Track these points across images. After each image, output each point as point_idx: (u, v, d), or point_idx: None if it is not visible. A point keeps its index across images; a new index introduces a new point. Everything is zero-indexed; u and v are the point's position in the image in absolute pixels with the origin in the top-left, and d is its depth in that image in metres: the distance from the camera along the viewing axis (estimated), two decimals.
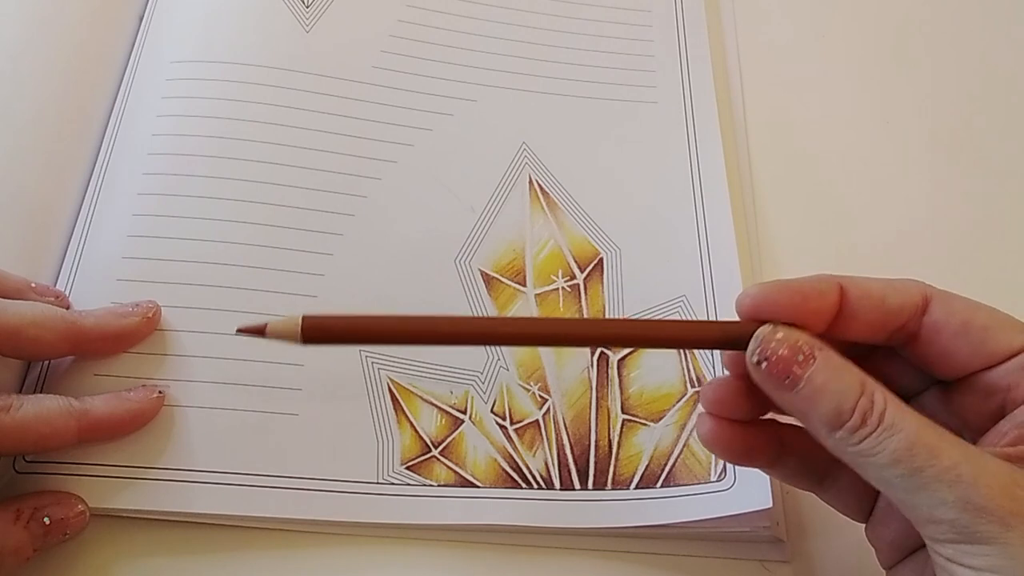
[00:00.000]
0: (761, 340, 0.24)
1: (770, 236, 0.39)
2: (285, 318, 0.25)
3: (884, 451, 0.23)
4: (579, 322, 0.32)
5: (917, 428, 0.23)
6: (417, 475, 0.32)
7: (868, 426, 0.23)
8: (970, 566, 0.22)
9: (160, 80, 0.38)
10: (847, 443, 0.23)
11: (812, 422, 0.24)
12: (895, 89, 0.44)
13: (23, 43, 0.37)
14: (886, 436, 0.23)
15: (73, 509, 0.29)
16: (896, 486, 0.23)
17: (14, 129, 0.36)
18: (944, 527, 0.22)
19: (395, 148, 0.38)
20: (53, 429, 0.29)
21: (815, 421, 0.24)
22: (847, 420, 0.23)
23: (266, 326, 0.25)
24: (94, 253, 0.35)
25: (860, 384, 0.24)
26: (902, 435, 0.23)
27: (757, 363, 0.24)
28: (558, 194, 0.38)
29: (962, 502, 0.22)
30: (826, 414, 0.23)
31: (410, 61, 0.40)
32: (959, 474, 0.22)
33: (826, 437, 0.24)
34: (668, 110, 0.41)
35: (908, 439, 0.23)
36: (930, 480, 0.22)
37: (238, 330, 0.25)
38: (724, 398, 0.27)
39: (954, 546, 0.22)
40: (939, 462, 0.22)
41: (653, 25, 0.43)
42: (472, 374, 0.34)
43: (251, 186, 0.36)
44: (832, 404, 0.23)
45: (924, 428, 0.23)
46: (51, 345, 0.30)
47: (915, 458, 0.22)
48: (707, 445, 0.27)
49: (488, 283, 0.36)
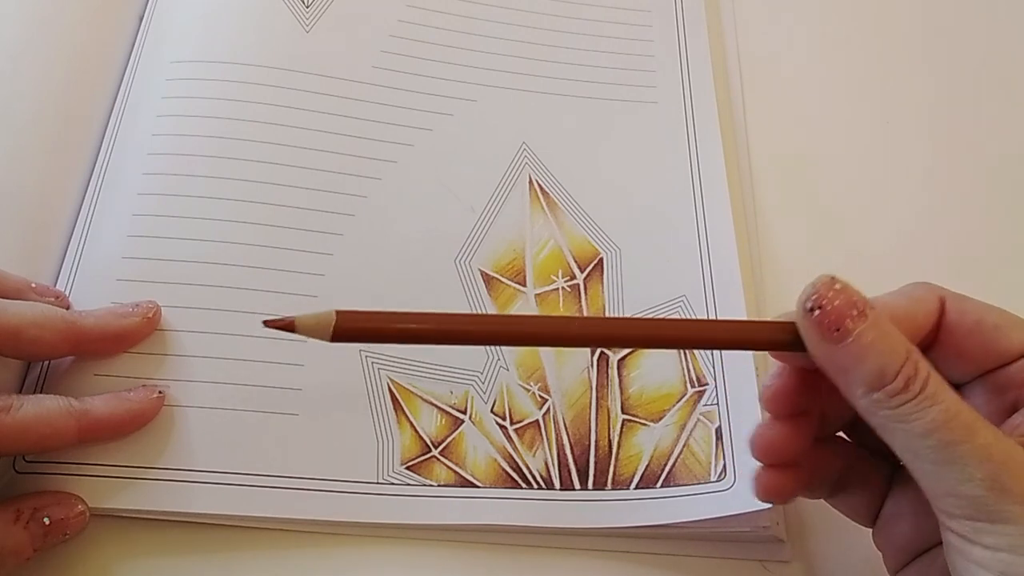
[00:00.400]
0: (819, 287, 0.24)
1: (770, 236, 0.39)
2: (316, 314, 0.24)
3: (921, 420, 0.23)
4: (626, 322, 0.31)
5: (956, 403, 0.23)
6: (417, 475, 0.32)
7: (909, 392, 0.23)
8: (986, 545, 0.22)
9: (160, 80, 0.38)
10: (884, 405, 0.23)
11: (852, 379, 0.24)
12: (895, 89, 0.44)
13: (23, 43, 0.37)
14: (925, 405, 0.23)
15: (73, 509, 0.29)
16: (924, 456, 0.23)
17: (14, 129, 0.36)
18: (965, 502, 0.23)
19: (395, 148, 0.38)
20: (53, 429, 0.29)
21: (855, 378, 0.24)
22: (889, 383, 0.23)
23: (295, 321, 0.24)
24: (94, 253, 0.35)
25: (906, 351, 0.24)
26: (942, 407, 0.23)
27: (810, 309, 0.24)
28: (558, 194, 0.38)
29: (990, 480, 0.22)
30: (869, 373, 0.24)
31: (410, 61, 0.40)
32: (990, 454, 0.22)
33: (862, 396, 0.24)
34: (668, 110, 0.41)
35: (947, 412, 0.23)
36: (962, 455, 0.22)
37: (265, 323, 0.24)
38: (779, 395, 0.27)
39: (972, 523, 0.23)
40: (973, 440, 0.23)
41: (653, 25, 0.43)
42: (472, 374, 0.34)
43: (251, 186, 0.36)
44: (877, 364, 0.23)
45: (961, 405, 0.23)
46: (51, 345, 0.30)
47: (951, 432, 0.23)
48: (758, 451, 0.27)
49: (488, 283, 0.36)
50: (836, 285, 0.24)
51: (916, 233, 0.40)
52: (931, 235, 0.40)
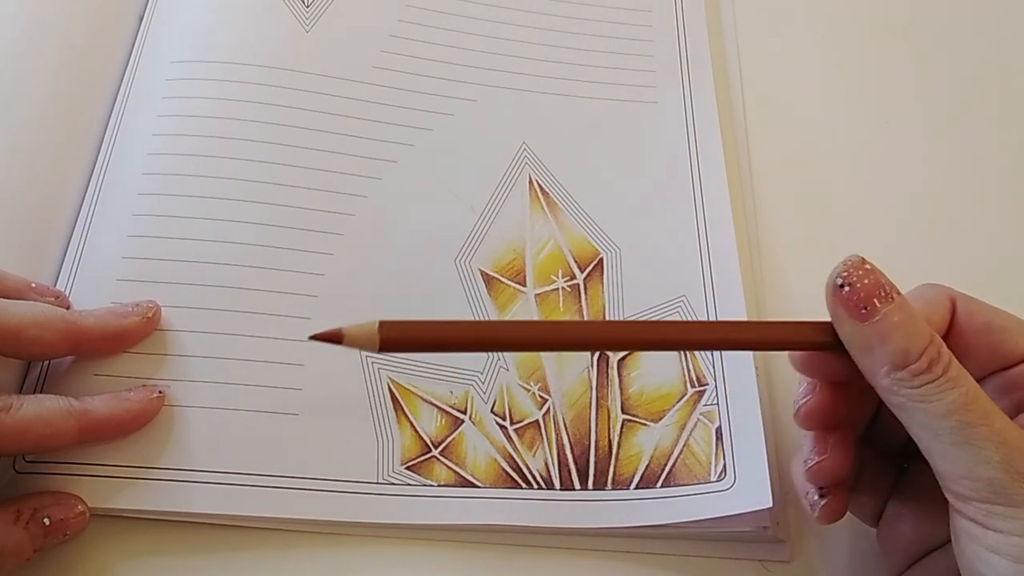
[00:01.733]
0: (850, 265, 0.25)
1: (770, 236, 0.39)
2: (361, 325, 0.24)
3: (942, 400, 0.24)
4: (666, 326, 0.32)
5: (975, 389, 0.24)
6: (417, 475, 0.32)
7: (932, 373, 0.24)
8: (1000, 529, 0.23)
9: (160, 80, 0.38)
10: (906, 384, 0.24)
11: (876, 357, 0.25)
12: (895, 89, 0.44)
13: (23, 43, 0.37)
14: (947, 387, 0.24)
15: (73, 510, 0.29)
16: (943, 437, 0.24)
17: (14, 129, 0.35)
18: (981, 484, 0.23)
19: (395, 148, 0.38)
20: (53, 429, 0.29)
21: (880, 356, 0.24)
22: (913, 362, 0.24)
23: (342, 333, 0.24)
24: (94, 253, 0.35)
25: (930, 334, 0.24)
26: (963, 390, 0.24)
27: (840, 286, 0.25)
28: (558, 194, 0.38)
29: (1006, 463, 0.23)
30: (894, 351, 0.24)
31: (410, 61, 0.40)
32: (1007, 438, 0.23)
33: (884, 376, 0.24)
34: (668, 110, 0.41)
35: (968, 395, 0.24)
36: (980, 438, 0.23)
37: (312, 337, 0.25)
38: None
39: (987, 506, 0.23)
40: (991, 424, 0.23)
41: (653, 25, 0.43)
42: (472, 374, 0.34)
43: (251, 186, 0.36)
44: (902, 343, 0.24)
45: (980, 391, 0.24)
46: (51, 345, 0.30)
47: (971, 413, 0.23)
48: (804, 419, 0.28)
49: (488, 283, 0.36)
50: (866, 265, 0.25)
51: (916, 233, 0.40)
52: (931, 235, 0.40)
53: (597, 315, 0.35)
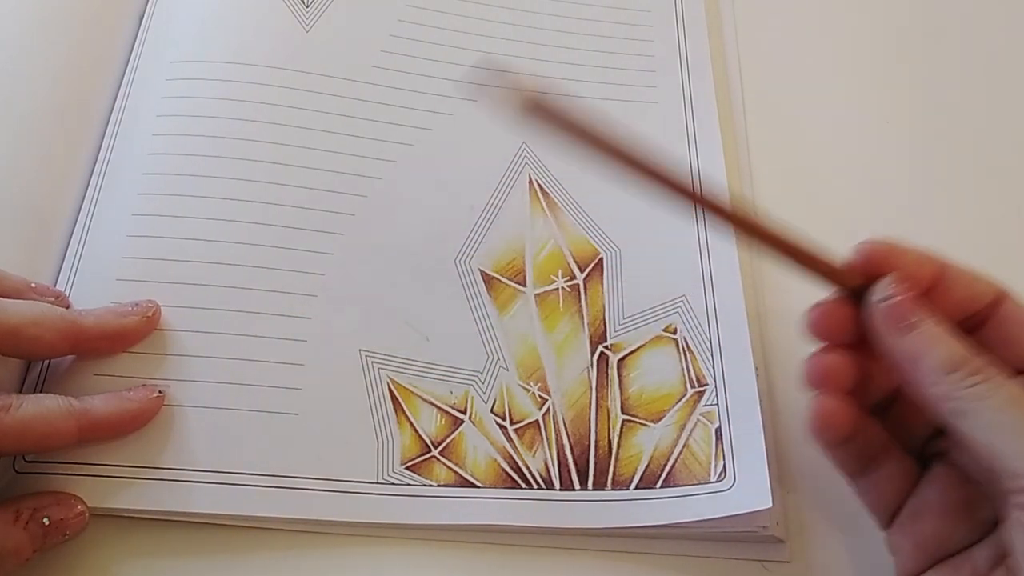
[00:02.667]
0: (893, 281, 0.27)
1: None
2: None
3: (999, 396, 0.25)
4: None
5: (1018, 382, 0.25)
6: (417, 475, 0.32)
7: (987, 371, 0.25)
8: None
9: (160, 80, 0.38)
10: (962, 385, 0.25)
11: (926, 363, 0.26)
12: (895, 89, 0.44)
13: (23, 43, 0.37)
14: (1000, 382, 0.25)
15: (73, 510, 0.29)
16: (1005, 430, 0.24)
17: (14, 129, 0.36)
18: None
19: (395, 148, 0.38)
20: (53, 429, 0.29)
21: (930, 362, 0.26)
22: (964, 365, 0.25)
23: None
24: (94, 253, 0.35)
25: (964, 337, 0.26)
26: (1012, 383, 0.25)
27: (883, 299, 0.27)
28: (558, 194, 0.38)
29: None
30: (943, 356, 0.25)
31: (410, 61, 0.40)
32: None
33: (936, 381, 0.25)
34: (668, 110, 0.41)
35: (1019, 388, 0.25)
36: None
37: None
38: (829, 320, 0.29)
39: None
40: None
41: (653, 25, 0.43)
42: (472, 374, 0.34)
43: (251, 186, 0.36)
44: (947, 349, 0.26)
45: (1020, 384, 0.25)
46: (51, 345, 0.30)
47: None
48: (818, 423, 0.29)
49: (488, 283, 0.36)
50: (905, 283, 0.27)
51: (917, 232, 0.39)
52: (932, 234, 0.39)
53: (597, 315, 0.35)
